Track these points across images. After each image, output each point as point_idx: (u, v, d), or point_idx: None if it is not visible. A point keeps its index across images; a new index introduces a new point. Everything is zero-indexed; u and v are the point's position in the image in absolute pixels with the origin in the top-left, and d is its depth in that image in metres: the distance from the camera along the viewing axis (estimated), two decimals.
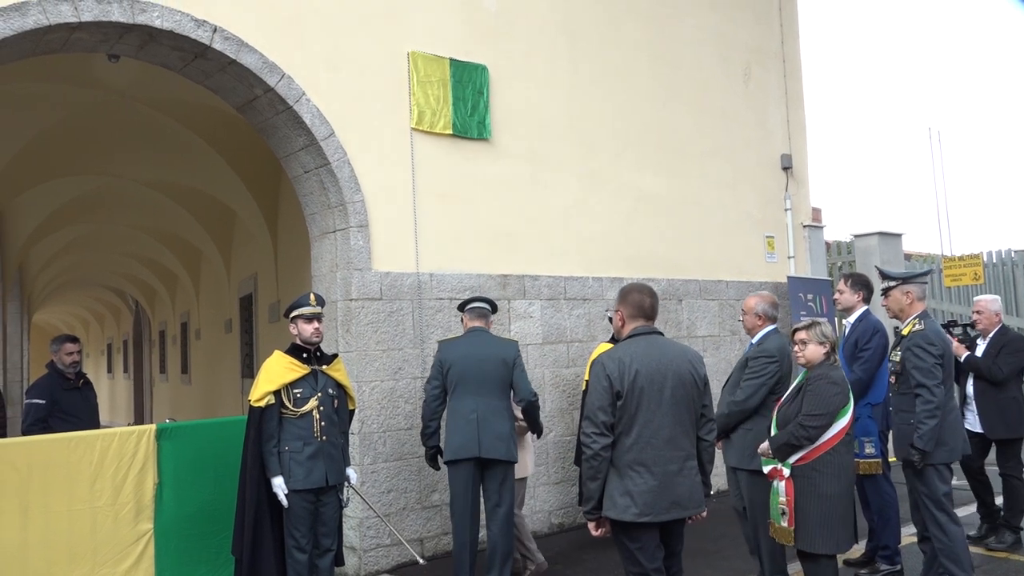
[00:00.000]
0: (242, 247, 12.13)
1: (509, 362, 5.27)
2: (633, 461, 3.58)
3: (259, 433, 4.68)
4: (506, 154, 6.92)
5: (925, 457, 4.55)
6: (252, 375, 11.00)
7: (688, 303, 8.17)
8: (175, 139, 9.14)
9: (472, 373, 5.19)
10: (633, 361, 3.64)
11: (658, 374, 3.64)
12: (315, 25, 6.01)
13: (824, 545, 4.05)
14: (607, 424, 3.60)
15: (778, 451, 4.17)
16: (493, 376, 5.21)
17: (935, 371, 4.59)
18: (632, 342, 3.77)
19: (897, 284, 4.92)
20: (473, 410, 5.12)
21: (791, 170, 9.27)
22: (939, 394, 4.56)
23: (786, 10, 9.52)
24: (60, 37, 5.21)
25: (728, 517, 6.64)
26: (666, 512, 3.58)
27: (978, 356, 6.02)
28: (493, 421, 5.13)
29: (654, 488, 3.56)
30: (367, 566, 5.88)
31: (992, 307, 6.19)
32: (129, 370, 23.91)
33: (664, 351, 3.74)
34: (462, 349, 5.29)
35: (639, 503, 3.54)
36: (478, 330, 5.41)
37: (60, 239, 13.70)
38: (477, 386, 5.17)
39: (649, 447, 3.58)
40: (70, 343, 6.44)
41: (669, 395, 3.64)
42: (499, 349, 5.32)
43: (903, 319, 4.95)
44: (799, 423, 4.08)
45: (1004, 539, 5.83)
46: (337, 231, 6.14)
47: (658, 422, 3.61)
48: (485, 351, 5.26)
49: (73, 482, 4.73)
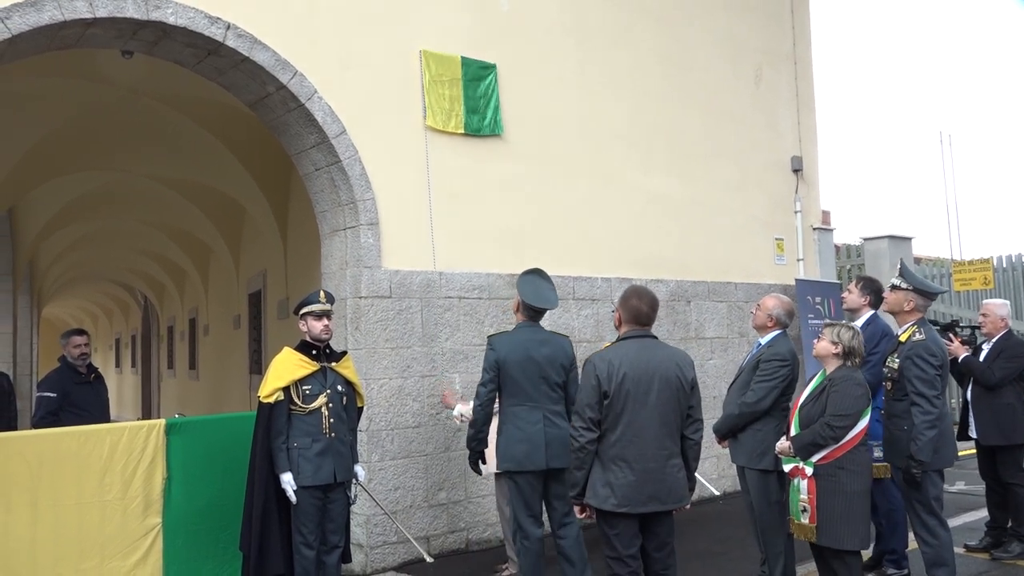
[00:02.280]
0: (251, 244, 12.17)
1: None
2: (616, 456, 3.87)
3: (268, 429, 4.69)
4: (516, 154, 6.92)
5: (924, 466, 4.57)
6: (260, 372, 11.03)
7: (697, 304, 8.17)
8: (186, 135, 9.17)
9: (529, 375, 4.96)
10: (622, 364, 3.91)
11: (645, 376, 3.91)
12: (328, 23, 6.02)
13: (850, 541, 4.16)
14: (594, 420, 3.90)
15: (802, 450, 4.25)
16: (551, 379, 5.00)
17: (936, 382, 4.62)
18: (624, 344, 4.03)
19: (907, 289, 4.91)
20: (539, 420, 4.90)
21: (801, 172, 9.25)
22: (939, 405, 4.60)
23: (798, 12, 9.50)
24: (75, 33, 5.24)
25: (735, 519, 6.65)
26: (643, 505, 3.86)
27: (974, 358, 5.99)
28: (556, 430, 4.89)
29: (633, 483, 3.84)
30: (373, 563, 5.90)
31: (999, 311, 6.15)
32: (137, 365, 24.02)
33: (653, 355, 3.99)
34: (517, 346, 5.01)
35: (618, 495, 3.84)
36: (531, 326, 5.14)
37: (70, 234, 13.77)
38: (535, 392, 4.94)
39: (632, 444, 3.86)
40: (77, 336, 6.48)
41: (655, 397, 3.90)
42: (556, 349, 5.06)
43: (898, 322, 4.96)
44: (825, 423, 4.16)
45: (1011, 549, 5.79)
46: (347, 229, 6.16)
47: (642, 421, 3.88)
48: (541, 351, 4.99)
49: (83, 476, 4.75)
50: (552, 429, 4.85)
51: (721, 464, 8.02)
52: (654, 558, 3.98)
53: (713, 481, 7.96)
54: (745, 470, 4.86)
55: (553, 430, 4.85)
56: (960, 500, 7.43)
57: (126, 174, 10.69)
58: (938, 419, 4.59)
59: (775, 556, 4.71)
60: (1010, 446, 5.85)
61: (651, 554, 3.98)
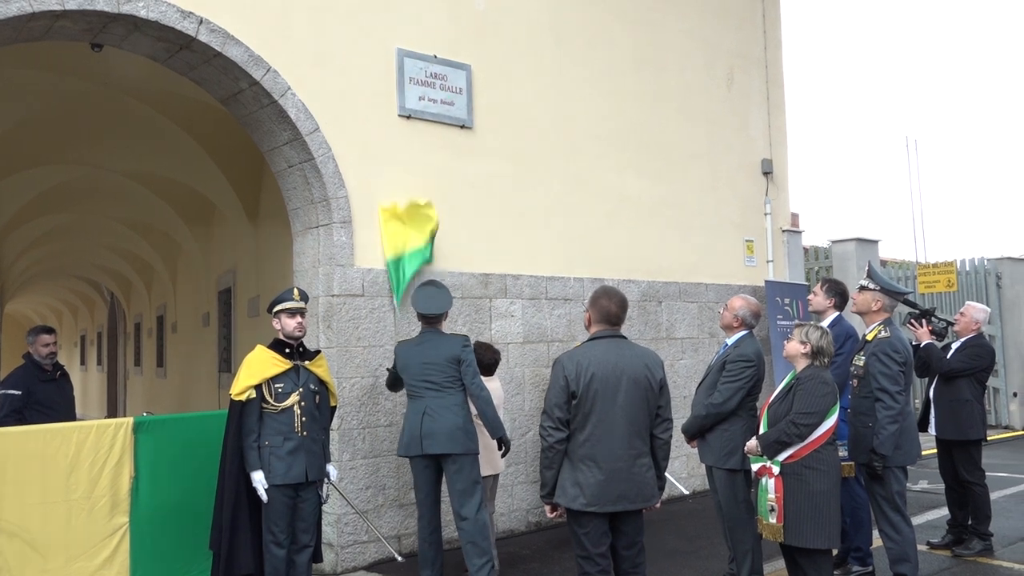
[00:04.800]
0: (222, 240, 12.03)
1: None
2: (585, 456, 3.90)
3: (239, 427, 4.66)
4: (490, 153, 6.93)
5: (884, 461, 4.66)
6: (230, 370, 10.93)
7: (668, 305, 8.24)
8: (157, 130, 9.05)
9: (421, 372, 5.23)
10: (590, 364, 3.93)
11: (613, 377, 3.93)
12: (302, 19, 5.99)
13: (817, 540, 4.18)
14: (562, 420, 3.93)
15: (768, 448, 4.28)
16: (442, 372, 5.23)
17: (899, 378, 4.73)
18: (593, 344, 4.05)
19: (875, 290, 5.02)
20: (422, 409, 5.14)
21: (771, 175, 9.36)
22: (901, 401, 4.72)
23: (769, 17, 9.62)
24: (43, 25, 5.15)
25: (705, 518, 6.72)
26: (612, 504, 3.89)
27: (935, 347, 6.12)
28: (442, 416, 5.11)
29: (601, 482, 3.86)
30: (344, 562, 5.88)
31: (976, 315, 6.30)
32: (103, 363, 23.63)
33: (622, 355, 4.00)
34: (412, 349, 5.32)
35: (587, 494, 3.87)
36: (431, 331, 5.37)
37: (36, 228, 13.50)
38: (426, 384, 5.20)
39: (601, 444, 3.89)
40: (46, 334, 6.37)
41: (623, 397, 3.92)
42: (449, 347, 5.26)
43: (866, 322, 5.08)
44: (791, 421, 4.21)
45: (972, 546, 5.92)
46: (320, 227, 6.13)
47: (611, 421, 3.90)
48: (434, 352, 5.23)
49: (48, 475, 4.68)
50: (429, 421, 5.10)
51: (691, 463, 8.10)
52: (623, 556, 4.01)
53: (683, 480, 8.04)
54: (713, 470, 4.93)
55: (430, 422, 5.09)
56: (923, 498, 7.58)
57: (94, 168, 10.51)
58: (900, 415, 4.71)
59: (743, 554, 4.77)
60: (965, 441, 6.01)
61: (620, 552, 4.01)
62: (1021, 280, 13.12)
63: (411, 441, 5.14)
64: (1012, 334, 13.02)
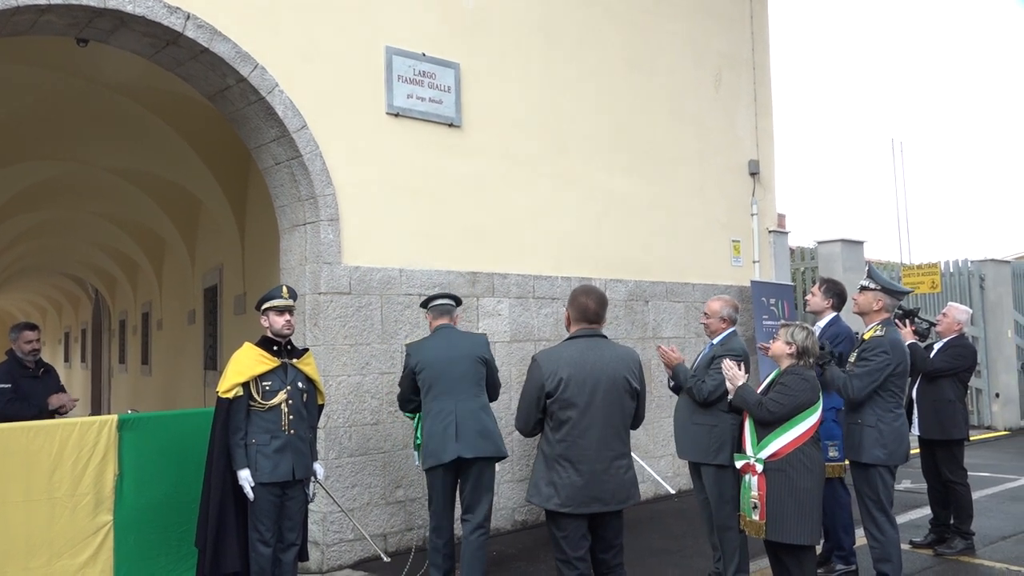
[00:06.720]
0: (208, 237, 11.98)
1: (484, 359, 5.26)
2: (560, 456, 3.83)
3: (226, 425, 4.64)
4: (478, 151, 6.93)
5: (833, 358, 4.86)
6: (215, 367, 10.89)
7: (654, 304, 8.26)
8: (143, 126, 8.99)
9: (446, 373, 5.11)
10: (566, 363, 3.86)
11: (590, 377, 3.85)
12: (290, 16, 5.96)
13: (799, 536, 4.21)
14: (536, 418, 3.90)
15: (737, 399, 4.48)
16: (468, 375, 5.16)
17: (875, 374, 4.74)
18: (570, 344, 3.98)
19: (876, 289, 5.04)
20: (451, 412, 5.03)
21: (758, 176, 9.41)
22: (856, 392, 4.74)
23: (757, 18, 9.66)
24: (28, 19, 5.11)
25: (690, 516, 6.74)
26: (587, 506, 3.81)
27: (919, 346, 6.18)
28: (471, 421, 5.06)
29: (577, 483, 3.79)
30: (330, 561, 5.86)
31: (958, 316, 6.34)
32: (87, 360, 23.46)
33: (600, 354, 3.92)
34: (432, 350, 5.21)
35: (562, 495, 3.80)
36: (445, 327, 5.40)
37: (20, 224, 13.40)
38: (451, 386, 5.10)
39: (576, 445, 3.82)
40: (29, 331, 6.31)
41: (601, 397, 3.84)
42: (471, 346, 5.28)
43: (865, 322, 5.11)
44: (761, 401, 4.33)
45: (954, 545, 5.98)
46: (307, 224, 6.11)
47: (587, 422, 3.83)
48: (455, 351, 5.20)
49: (31, 472, 4.64)
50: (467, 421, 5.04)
51: (676, 462, 8.12)
52: (600, 559, 3.95)
53: (669, 479, 8.06)
54: (701, 466, 4.94)
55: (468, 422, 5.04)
56: (906, 498, 7.64)
57: (79, 164, 10.44)
58: (845, 397, 4.84)
59: (731, 552, 4.79)
60: (948, 441, 6.06)
61: (598, 555, 3.95)
62: (1004, 282, 13.24)
63: (441, 447, 4.95)
64: (994, 335, 13.14)
